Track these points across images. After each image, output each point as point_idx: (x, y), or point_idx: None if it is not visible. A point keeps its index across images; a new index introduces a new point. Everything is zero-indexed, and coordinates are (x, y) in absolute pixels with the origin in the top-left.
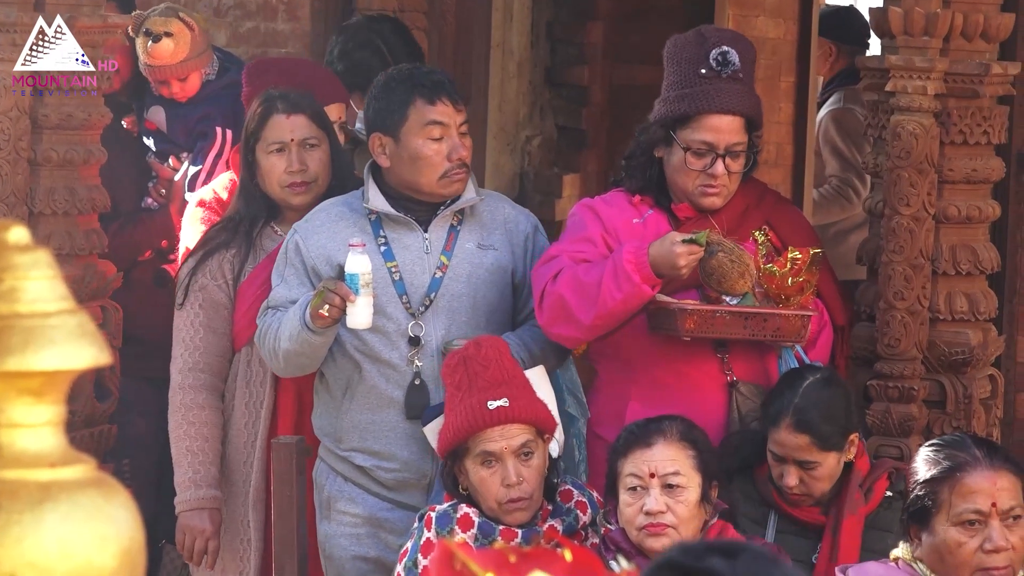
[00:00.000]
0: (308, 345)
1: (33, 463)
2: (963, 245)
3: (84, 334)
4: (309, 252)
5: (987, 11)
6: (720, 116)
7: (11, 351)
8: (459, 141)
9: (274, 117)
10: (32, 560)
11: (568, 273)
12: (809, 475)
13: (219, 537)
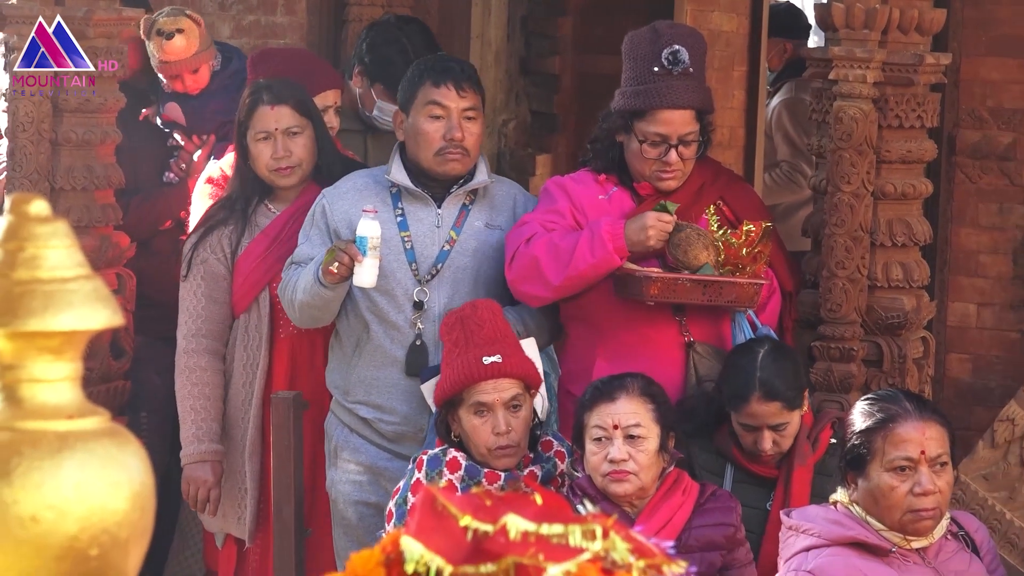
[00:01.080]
0: (319, 298)
1: (52, 415)
2: (899, 219)
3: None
4: (333, 216)
5: (921, 7)
6: (671, 111)
7: (32, 313)
8: (457, 123)
9: (260, 108)
10: (51, 503)
11: (544, 238)
12: (780, 435)
13: (220, 486)
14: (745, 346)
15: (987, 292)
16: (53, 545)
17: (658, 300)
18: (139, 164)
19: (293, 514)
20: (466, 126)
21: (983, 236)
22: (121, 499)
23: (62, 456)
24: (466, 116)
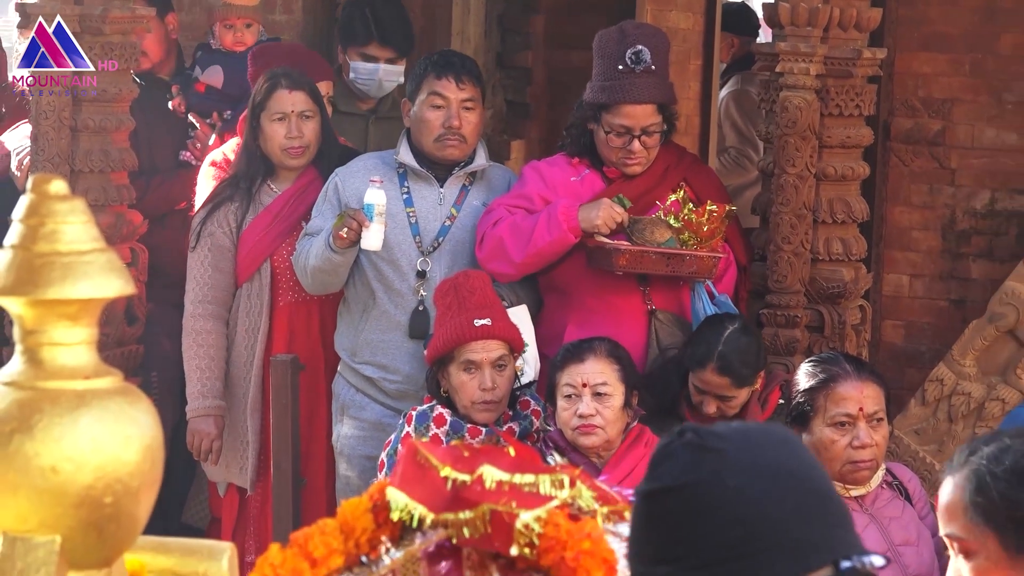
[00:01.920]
0: (330, 263)
1: (70, 375)
2: (839, 199)
3: (113, 269)
4: (345, 191)
5: (859, 6)
6: (634, 106)
7: (52, 283)
8: (456, 113)
9: (279, 91)
10: (69, 455)
11: (508, 220)
12: (725, 405)
13: (222, 438)
14: (718, 318)
15: (918, 265)
16: (71, 493)
17: (626, 270)
18: (157, 146)
19: (291, 466)
20: (464, 116)
21: (915, 214)
22: (133, 452)
23: (79, 413)
24: (465, 106)
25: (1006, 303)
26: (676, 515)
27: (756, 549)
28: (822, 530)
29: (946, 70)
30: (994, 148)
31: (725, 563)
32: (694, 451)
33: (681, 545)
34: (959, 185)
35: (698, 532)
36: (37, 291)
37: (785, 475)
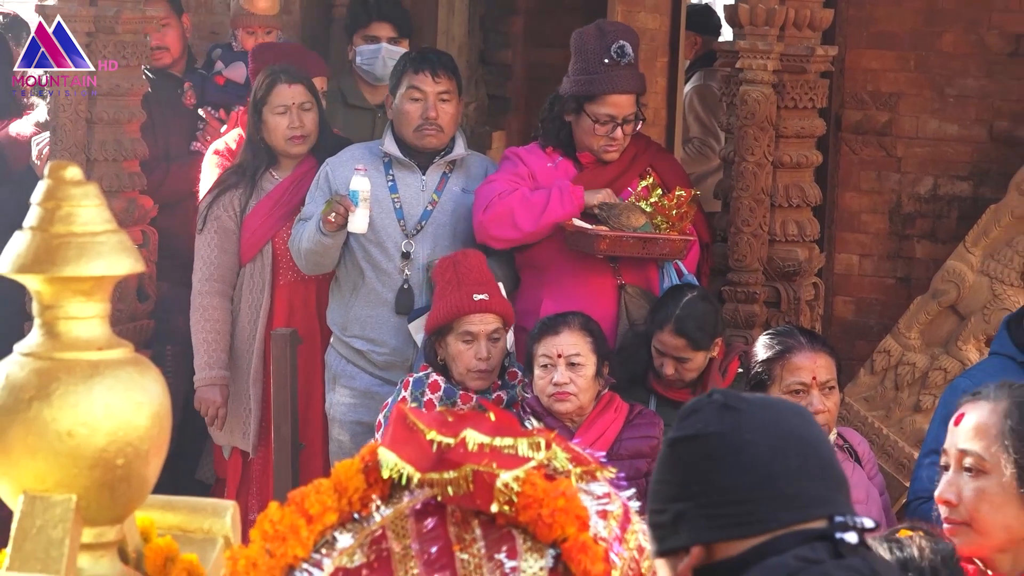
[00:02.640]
0: (320, 245)
1: (85, 347)
2: (794, 184)
3: (124, 249)
4: (335, 180)
5: (813, 7)
6: (619, 95)
7: (67, 261)
8: (433, 104)
9: (279, 86)
10: (84, 421)
11: (519, 192)
12: (682, 367)
13: (227, 406)
14: (680, 287)
15: (867, 245)
16: (86, 456)
17: (606, 254)
18: (171, 137)
19: (290, 431)
20: (441, 107)
21: (864, 199)
22: (143, 417)
23: (93, 381)
24: (441, 98)
25: (948, 281)
26: (696, 459)
27: (761, 495)
28: (822, 489)
29: (892, 66)
30: (936, 138)
31: (734, 504)
32: (718, 408)
33: (697, 485)
34: (904, 172)
35: (713, 475)
36: (54, 269)
37: (795, 438)
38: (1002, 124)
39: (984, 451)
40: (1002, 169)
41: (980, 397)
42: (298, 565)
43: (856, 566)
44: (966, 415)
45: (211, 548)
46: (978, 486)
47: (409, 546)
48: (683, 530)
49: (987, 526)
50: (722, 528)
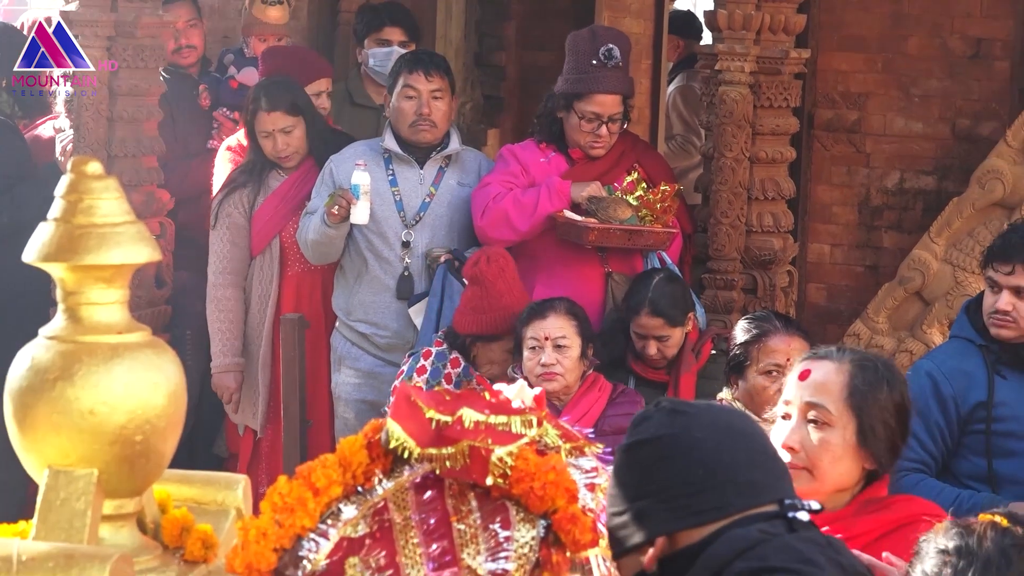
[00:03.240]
0: (325, 236)
1: (105, 331)
2: (769, 179)
3: (142, 239)
4: (338, 175)
5: (787, 12)
6: (605, 95)
7: (89, 250)
8: (426, 101)
9: (259, 114)
10: (105, 399)
11: (509, 196)
12: (663, 345)
13: (241, 390)
14: (646, 272)
15: (838, 236)
16: (107, 432)
17: (594, 244)
18: (189, 135)
19: (298, 409)
20: (433, 104)
21: (835, 192)
22: (160, 396)
23: (113, 363)
24: (434, 96)
25: (913, 269)
26: (652, 460)
27: (716, 484)
28: (769, 478)
29: (861, 68)
30: (903, 135)
31: (691, 495)
32: (667, 414)
33: (655, 483)
34: (873, 167)
35: (670, 472)
36: (76, 258)
37: (740, 433)
38: (964, 122)
39: (831, 406)
40: (964, 164)
41: (823, 356)
42: (305, 535)
43: (813, 537)
44: (812, 371)
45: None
46: (823, 437)
47: (409, 517)
48: (645, 525)
49: (825, 474)
50: (682, 518)
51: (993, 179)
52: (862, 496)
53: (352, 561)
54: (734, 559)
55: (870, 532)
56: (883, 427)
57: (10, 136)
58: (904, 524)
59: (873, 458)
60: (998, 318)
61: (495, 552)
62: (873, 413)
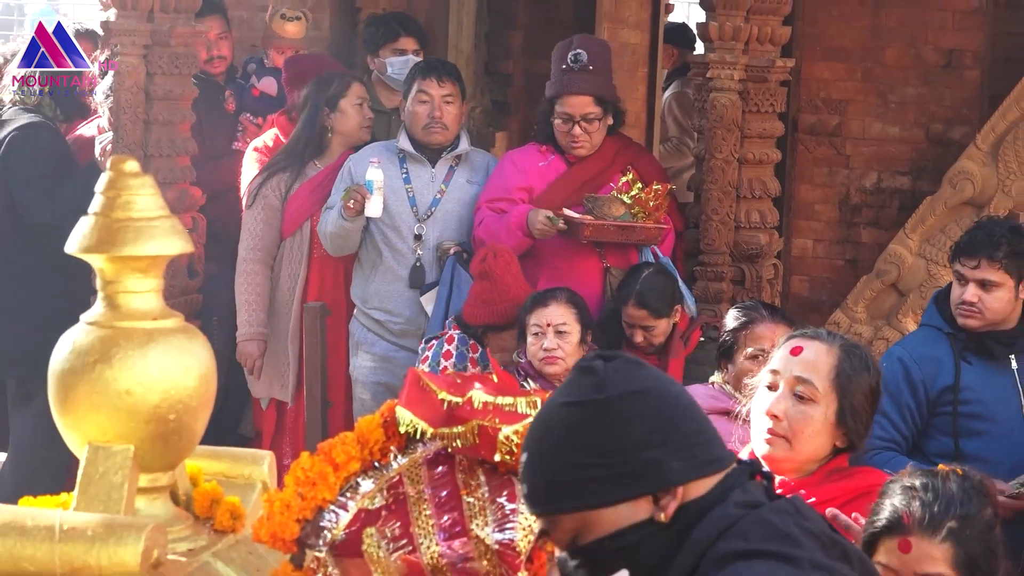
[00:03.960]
0: (343, 229)
1: (141, 317)
2: (756, 178)
3: (176, 232)
4: (356, 173)
5: (773, 25)
6: (572, 96)
7: (126, 242)
8: (438, 105)
9: (353, 85)
10: (141, 381)
11: (486, 222)
12: (649, 334)
13: (263, 358)
14: (637, 266)
15: (820, 231)
16: (142, 411)
17: (590, 239)
18: (215, 137)
19: (320, 391)
20: (445, 108)
21: (817, 191)
22: (192, 378)
23: (148, 347)
24: (445, 100)
25: (890, 262)
26: (651, 411)
27: (709, 436)
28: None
29: (842, 76)
30: (880, 139)
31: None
32: (631, 365)
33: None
34: (852, 168)
35: (672, 422)
36: (114, 249)
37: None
38: (937, 127)
39: (819, 384)
40: (937, 166)
41: (814, 337)
42: (326, 507)
43: (783, 507)
44: (804, 349)
45: (251, 492)
46: (806, 411)
47: (422, 490)
48: (668, 471)
49: (802, 445)
50: (698, 467)
51: (964, 180)
52: (827, 467)
53: (369, 531)
54: (717, 539)
55: (835, 499)
56: (860, 410)
57: (53, 137)
58: (865, 492)
59: (846, 437)
60: (965, 309)
61: (502, 523)
62: (854, 396)
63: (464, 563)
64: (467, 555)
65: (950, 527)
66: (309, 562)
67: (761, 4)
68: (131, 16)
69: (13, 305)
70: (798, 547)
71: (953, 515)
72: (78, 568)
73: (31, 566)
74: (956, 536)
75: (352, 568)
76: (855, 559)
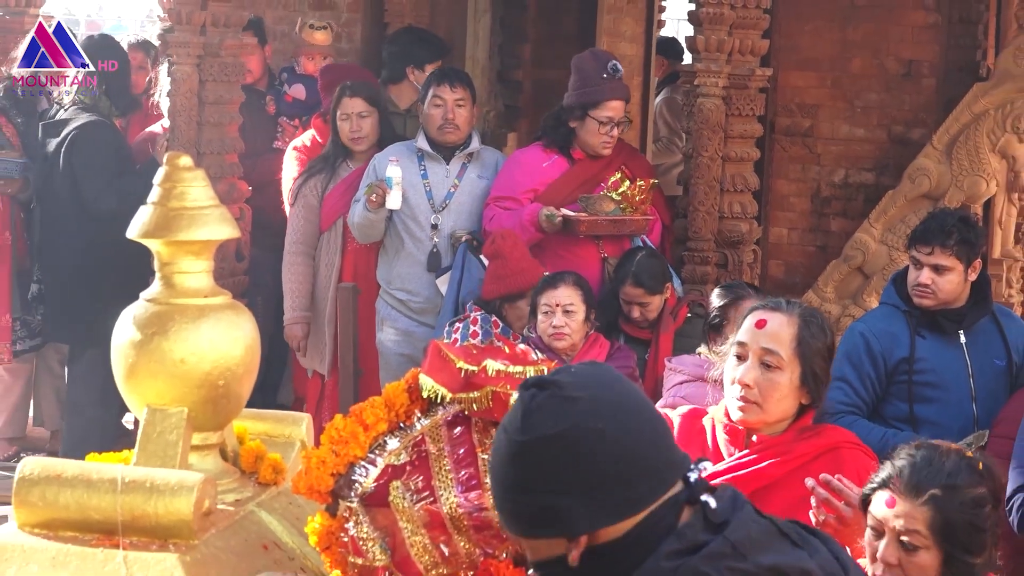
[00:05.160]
0: (367, 219)
1: (194, 295)
2: (738, 174)
3: (225, 220)
4: (379, 169)
5: (753, 38)
6: (616, 101)
7: (181, 229)
8: (451, 109)
9: (343, 99)
10: (193, 351)
11: (496, 218)
12: (645, 310)
13: (307, 338)
14: (631, 250)
15: (794, 221)
16: (195, 378)
17: (585, 233)
18: (258, 137)
19: (352, 361)
20: (457, 111)
21: (792, 185)
22: (238, 348)
23: (200, 321)
24: (457, 104)
25: (855, 248)
26: (561, 458)
27: (630, 476)
28: (668, 453)
29: (814, 84)
30: (847, 139)
31: (614, 490)
32: (560, 401)
33: (566, 481)
34: (823, 165)
35: (582, 469)
36: (170, 234)
37: (633, 413)
38: (898, 128)
39: (783, 352)
40: (898, 163)
41: (775, 308)
42: (357, 462)
43: (718, 551)
44: (768, 322)
45: (291, 449)
46: (774, 378)
47: (443, 448)
48: (568, 522)
49: (772, 408)
50: (604, 516)
51: (921, 176)
52: (797, 425)
53: (396, 484)
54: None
55: (806, 455)
56: (820, 371)
57: (111, 133)
58: (832, 448)
59: (809, 395)
60: (920, 290)
61: None
62: (814, 360)
63: (479, 512)
64: (482, 505)
65: (933, 493)
66: (342, 511)
67: (742, 20)
68: (186, 30)
69: (74, 279)
70: None
71: (939, 484)
72: (138, 516)
73: (96, 514)
74: (937, 502)
75: (380, 516)
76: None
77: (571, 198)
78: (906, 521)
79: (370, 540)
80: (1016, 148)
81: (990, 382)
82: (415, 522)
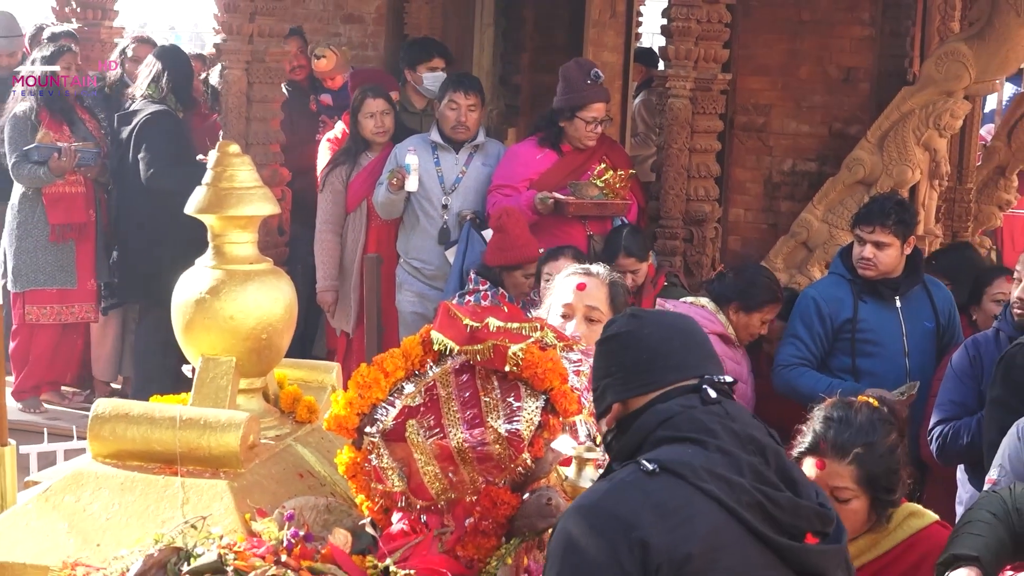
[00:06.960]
0: (389, 199)
1: (241, 262)
2: (703, 163)
3: (268, 199)
4: (399, 158)
5: (715, 48)
6: (599, 104)
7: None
8: (464, 112)
9: (367, 100)
10: (240, 309)
11: (498, 204)
12: (635, 276)
13: (336, 304)
14: (616, 228)
15: (750, 203)
16: (242, 332)
17: (573, 214)
18: (301, 130)
19: (375, 319)
20: (469, 115)
21: (748, 173)
22: (279, 307)
23: (247, 284)
24: (469, 109)
25: (801, 226)
26: (613, 350)
27: (654, 366)
28: (695, 360)
29: (767, 87)
30: (795, 134)
31: (638, 374)
32: (628, 317)
33: (615, 365)
34: (774, 156)
35: (623, 357)
36: (222, 210)
37: (677, 329)
38: (837, 125)
39: (602, 307)
40: (837, 155)
41: (589, 274)
42: (379, 404)
43: (715, 411)
44: (587, 284)
45: (323, 393)
46: (596, 328)
47: (451, 392)
48: (608, 395)
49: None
50: (630, 389)
51: (857, 165)
52: None
53: (411, 422)
54: (656, 428)
55: None
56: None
57: (175, 123)
58: None
59: None
60: (863, 263)
61: (510, 417)
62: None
63: (482, 447)
64: (484, 441)
65: (856, 452)
66: (366, 445)
67: (707, 32)
68: (236, 40)
69: (142, 249)
70: (713, 437)
71: (860, 443)
72: (193, 448)
73: (158, 447)
74: (860, 460)
75: (398, 450)
76: (771, 456)
77: (561, 184)
78: (836, 479)
79: (389, 469)
80: (937, 142)
81: (921, 341)
82: (427, 454)
